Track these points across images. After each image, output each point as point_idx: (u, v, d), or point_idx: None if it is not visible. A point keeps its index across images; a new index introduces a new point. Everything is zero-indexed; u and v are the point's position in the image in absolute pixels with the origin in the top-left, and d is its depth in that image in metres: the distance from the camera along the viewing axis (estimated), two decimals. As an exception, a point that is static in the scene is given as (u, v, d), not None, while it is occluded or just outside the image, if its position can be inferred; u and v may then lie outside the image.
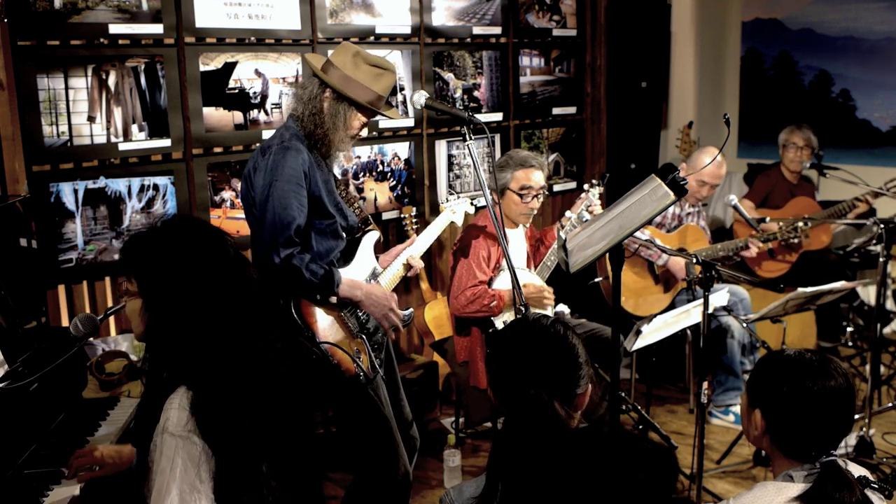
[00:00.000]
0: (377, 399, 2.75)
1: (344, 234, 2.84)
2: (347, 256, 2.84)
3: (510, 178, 3.52)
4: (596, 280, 4.24)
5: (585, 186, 3.74)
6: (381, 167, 4.29)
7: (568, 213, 3.66)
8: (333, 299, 2.69)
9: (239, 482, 1.64)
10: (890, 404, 4.25)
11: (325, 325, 2.69)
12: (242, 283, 1.76)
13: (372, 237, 2.92)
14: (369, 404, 2.73)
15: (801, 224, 4.41)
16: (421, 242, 3.09)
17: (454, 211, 3.31)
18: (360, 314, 2.78)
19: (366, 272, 2.86)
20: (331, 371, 2.63)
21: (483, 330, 3.49)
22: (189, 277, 1.70)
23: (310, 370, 2.56)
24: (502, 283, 3.48)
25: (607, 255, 2.41)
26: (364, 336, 2.76)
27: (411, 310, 2.99)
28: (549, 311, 3.50)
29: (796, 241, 4.48)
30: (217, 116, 3.66)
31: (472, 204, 3.39)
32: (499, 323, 3.45)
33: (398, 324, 2.81)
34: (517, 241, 3.67)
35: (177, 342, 1.70)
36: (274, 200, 2.61)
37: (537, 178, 3.54)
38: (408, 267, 2.96)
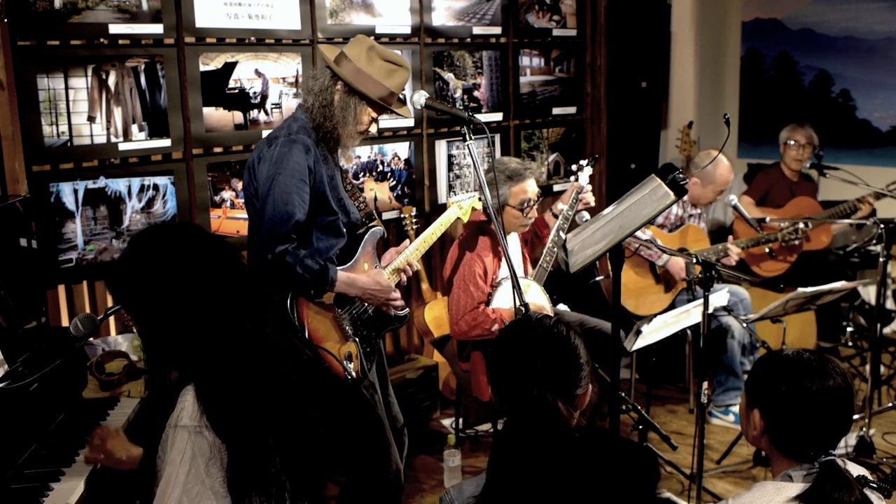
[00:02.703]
0: (370, 399, 2.75)
1: (345, 231, 2.82)
2: (349, 254, 2.82)
3: (508, 193, 3.46)
4: (596, 279, 4.24)
5: (573, 168, 3.71)
6: (381, 167, 4.29)
7: (560, 206, 3.66)
8: (331, 296, 2.68)
9: (250, 476, 1.65)
10: (890, 404, 4.25)
11: (319, 325, 2.68)
12: (231, 277, 1.76)
13: (375, 234, 2.90)
14: (361, 404, 2.72)
15: (801, 225, 4.40)
16: (424, 238, 3.07)
17: (461, 206, 3.29)
18: (354, 315, 2.76)
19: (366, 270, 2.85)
20: (322, 372, 2.62)
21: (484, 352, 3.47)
22: (167, 286, 1.69)
23: (303, 370, 2.57)
24: (501, 300, 3.45)
25: (607, 254, 2.42)
26: (357, 339, 2.75)
27: (407, 309, 2.98)
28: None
29: (797, 242, 4.46)
30: (217, 116, 3.66)
31: (479, 199, 3.35)
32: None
33: (400, 306, 2.85)
34: (512, 245, 3.66)
35: (179, 348, 1.70)
36: (275, 194, 2.58)
37: (532, 187, 3.49)
38: (399, 272, 2.94)
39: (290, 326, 2.61)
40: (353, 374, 2.67)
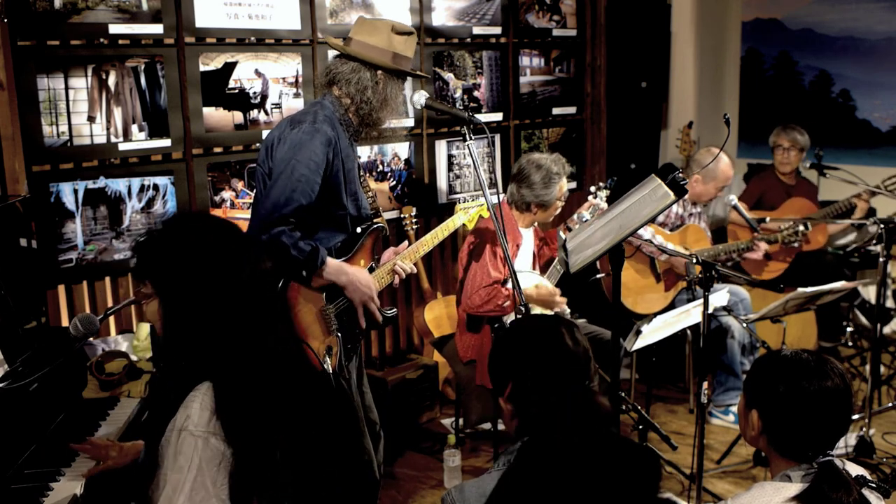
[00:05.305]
0: (347, 390, 2.75)
1: (350, 227, 2.82)
2: (348, 248, 2.82)
3: (557, 189, 3.60)
4: (597, 277, 4.24)
5: (592, 189, 3.77)
6: (381, 167, 4.29)
7: (575, 217, 3.73)
8: (322, 283, 2.67)
9: (256, 483, 1.64)
10: (890, 404, 4.25)
11: (304, 316, 2.67)
12: (256, 275, 1.76)
13: (377, 231, 2.90)
14: (337, 395, 2.72)
15: (801, 227, 4.40)
16: (425, 241, 3.07)
17: (468, 213, 3.31)
18: (341, 309, 2.75)
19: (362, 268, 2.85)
20: (303, 365, 2.62)
21: (492, 328, 3.50)
22: (204, 273, 1.69)
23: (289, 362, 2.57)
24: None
25: (608, 254, 2.42)
26: (340, 335, 2.74)
27: (395, 309, 2.99)
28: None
29: (797, 244, 4.46)
30: (217, 116, 3.66)
31: (487, 210, 3.39)
32: (508, 319, 3.46)
33: (375, 312, 2.78)
34: (528, 241, 3.71)
35: (198, 340, 1.69)
36: (286, 177, 2.58)
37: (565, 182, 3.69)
38: (392, 273, 2.93)
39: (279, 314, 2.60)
40: (330, 369, 2.66)
